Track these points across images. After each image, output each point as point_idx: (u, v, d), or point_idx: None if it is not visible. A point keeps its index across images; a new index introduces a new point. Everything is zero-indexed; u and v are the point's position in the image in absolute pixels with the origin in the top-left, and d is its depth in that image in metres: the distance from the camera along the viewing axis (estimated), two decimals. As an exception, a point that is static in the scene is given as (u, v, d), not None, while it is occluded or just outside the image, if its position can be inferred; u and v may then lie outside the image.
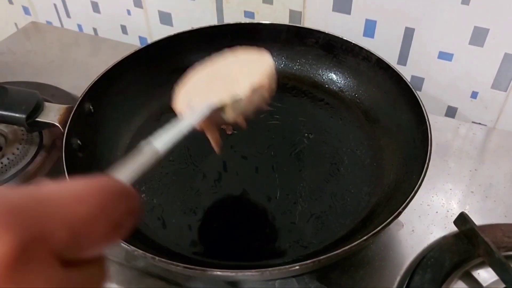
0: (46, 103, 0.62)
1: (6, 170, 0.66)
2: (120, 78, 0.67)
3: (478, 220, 0.54)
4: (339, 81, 0.72)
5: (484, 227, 0.55)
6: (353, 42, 0.68)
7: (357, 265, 0.55)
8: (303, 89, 0.73)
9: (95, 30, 1.03)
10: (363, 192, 0.59)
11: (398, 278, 0.54)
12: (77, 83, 0.82)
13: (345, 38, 0.69)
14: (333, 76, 0.73)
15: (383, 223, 0.46)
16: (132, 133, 0.67)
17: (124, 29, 0.99)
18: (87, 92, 0.62)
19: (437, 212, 0.61)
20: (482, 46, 0.70)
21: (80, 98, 0.61)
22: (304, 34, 0.72)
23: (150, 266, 0.56)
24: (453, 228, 0.57)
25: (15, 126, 0.70)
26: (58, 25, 1.06)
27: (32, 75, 0.86)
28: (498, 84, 0.72)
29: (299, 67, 0.75)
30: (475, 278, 0.52)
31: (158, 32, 0.95)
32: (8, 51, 0.94)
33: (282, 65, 0.75)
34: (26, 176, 0.65)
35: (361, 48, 0.67)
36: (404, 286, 0.52)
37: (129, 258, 0.57)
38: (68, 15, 1.03)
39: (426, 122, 0.55)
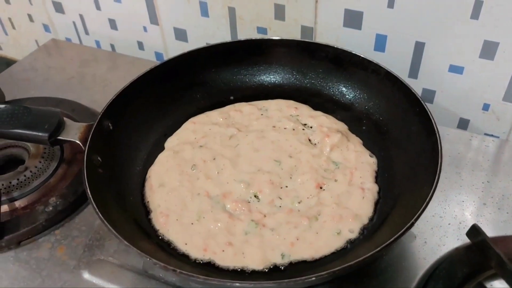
0: (67, 121, 0.64)
1: (29, 182, 0.68)
2: (137, 95, 0.69)
3: (491, 232, 0.54)
4: (349, 94, 0.73)
5: (497, 239, 0.56)
6: (361, 55, 0.69)
7: (369, 276, 0.55)
8: (314, 102, 0.74)
9: (112, 46, 1.06)
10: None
11: (411, 289, 0.54)
12: (96, 98, 0.86)
13: (354, 52, 0.70)
14: (343, 89, 0.74)
15: (396, 234, 0.47)
16: (149, 147, 0.69)
17: (140, 45, 1.02)
18: (106, 110, 0.64)
19: (449, 223, 0.61)
20: (492, 59, 0.70)
21: (99, 116, 0.63)
22: (313, 48, 0.74)
23: (167, 276, 0.57)
24: (466, 240, 0.57)
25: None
26: (77, 42, 1.10)
27: (53, 90, 0.89)
28: (509, 96, 0.73)
29: (310, 80, 0.76)
30: (488, 289, 0.53)
31: (174, 48, 0.98)
32: (31, 68, 0.98)
33: (292, 79, 0.77)
34: (48, 188, 0.68)
35: (369, 62, 0.68)
36: (417, 297, 0.53)
37: (147, 268, 0.58)
38: (86, 32, 1.07)
39: (435, 133, 0.55)
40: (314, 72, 0.76)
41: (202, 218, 0.58)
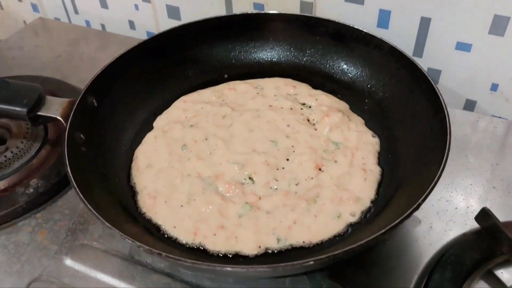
0: (48, 97, 0.60)
1: (10, 163, 0.64)
2: (124, 71, 0.65)
3: (500, 216, 0.50)
4: (351, 72, 0.69)
5: (508, 223, 0.52)
6: (364, 30, 0.65)
7: (371, 262, 0.52)
8: (313, 80, 0.70)
9: (103, 26, 1.02)
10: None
11: (416, 277, 0.51)
12: (84, 77, 0.80)
13: (356, 27, 0.66)
14: (344, 66, 0.70)
15: (401, 216, 0.43)
16: (137, 126, 0.66)
17: (132, 25, 0.98)
18: (90, 86, 0.60)
19: (456, 208, 0.58)
20: (502, 35, 0.66)
21: (83, 92, 0.59)
22: (313, 23, 0.70)
23: (155, 261, 0.54)
24: (474, 225, 0.54)
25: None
26: (66, 21, 1.05)
27: (39, 69, 0.85)
28: (519, 75, 0.69)
29: (309, 58, 0.72)
30: (498, 277, 0.49)
31: (166, 27, 0.91)
32: (16, 46, 0.93)
33: (290, 56, 0.73)
34: (30, 170, 0.64)
35: (372, 37, 0.64)
36: (423, 285, 0.49)
37: (134, 253, 0.55)
38: (76, 12, 1.02)
39: (443, 109, 0.52)
40: (314, 48, 0.72)
41: (192, 200, 0.54)
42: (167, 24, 0.92)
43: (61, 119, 0.56)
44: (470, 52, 0.70)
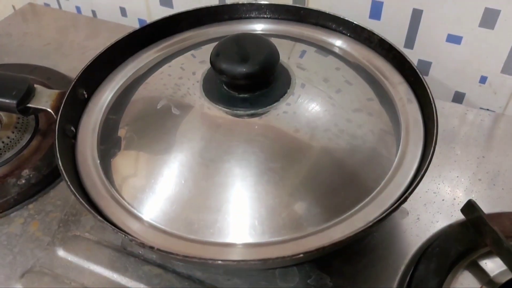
0: (38, 88, 0.59)
1: (1, 154, 0.64)
2: (114, 62, 0.64)
3: (485, 208, 0.52)
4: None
5: (492, 216, 0.54)
6: (354, 22, 0.65)
7: (359, 253, 0.53)
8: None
9: (93, 12, 1.00)
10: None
11: (403, 267, 0.52)
12: (75, 66, 0.81)
13: (346, 18, 0.66)
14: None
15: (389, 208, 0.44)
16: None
17: (123, 12, 0.97)
18: (79, 78, 0.59)
19: (443, 200, 0.59)
20: (492, 28, 0.67)
21: (73, 84, 0.58)
22: (303, 14, 0.69)
23: (147, 253, 0.55)
24: (460, 217, 0.55)
25: (10, 110, 0.68)
26: (56, 7, 1.04)
27: (29, 57, 0.84)
28: (508, 68, 0.70)
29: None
30: (482, 267, 0.51)
31: (158, 15, 0.91)
32: (4, 33, 0.92)
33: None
34: (21, 160, 0.64)
35: (362, 29, 0.64)
36: (409, 275, 0.51)
37: (126, 245, 0.55)
38: (66, -3, 1.01)
39: (431, 103, 0.52)
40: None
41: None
42: (159, 12, 0.92)
43: (52, 111, 0.56)
44: (461, 44, 0.71)
